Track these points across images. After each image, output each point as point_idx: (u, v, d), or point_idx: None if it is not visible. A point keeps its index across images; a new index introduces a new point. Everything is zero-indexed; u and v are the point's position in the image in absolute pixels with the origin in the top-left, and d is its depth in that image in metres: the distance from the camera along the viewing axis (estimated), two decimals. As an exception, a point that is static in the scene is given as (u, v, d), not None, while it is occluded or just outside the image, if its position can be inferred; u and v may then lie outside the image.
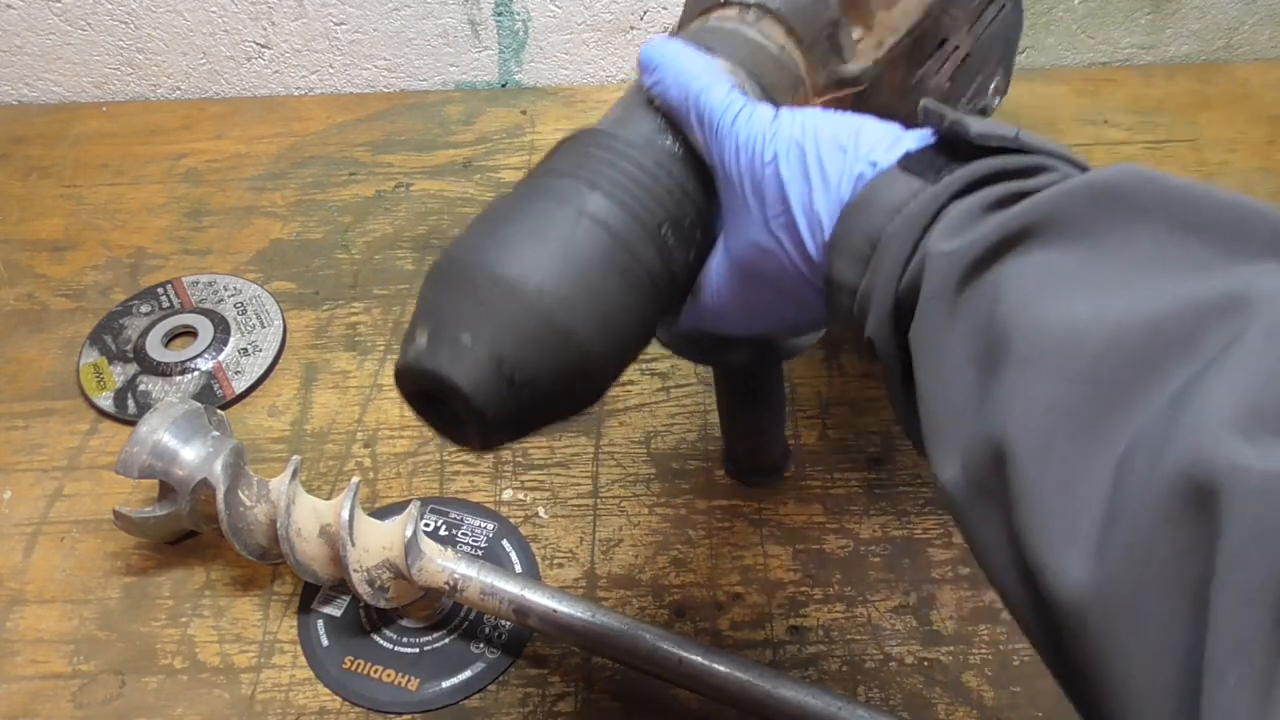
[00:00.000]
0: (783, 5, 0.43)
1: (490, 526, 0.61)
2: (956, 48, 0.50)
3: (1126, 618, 0.23)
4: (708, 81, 0.38)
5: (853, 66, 0.44)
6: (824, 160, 0.34)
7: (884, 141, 0.34)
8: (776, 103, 0.41)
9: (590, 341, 0.36)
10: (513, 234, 0.37)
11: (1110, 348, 0.25)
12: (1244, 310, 0.23)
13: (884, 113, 0.39)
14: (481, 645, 0.56)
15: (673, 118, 0.40)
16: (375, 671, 0.55)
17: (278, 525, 0.53)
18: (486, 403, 0.35)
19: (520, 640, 0.56)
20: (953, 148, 0.33)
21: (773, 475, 0.62)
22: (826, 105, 0.45)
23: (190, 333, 0.71)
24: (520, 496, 0.63)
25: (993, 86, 0.58)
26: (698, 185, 0.40)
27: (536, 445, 0.65)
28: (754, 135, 0.36)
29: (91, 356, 0.70)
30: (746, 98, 0.38)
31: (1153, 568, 0.23)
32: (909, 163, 0.33)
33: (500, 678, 0.55)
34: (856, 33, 0.44)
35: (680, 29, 0.46)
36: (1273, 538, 0.20)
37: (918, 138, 0.34)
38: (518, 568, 0.59)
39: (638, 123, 0.40)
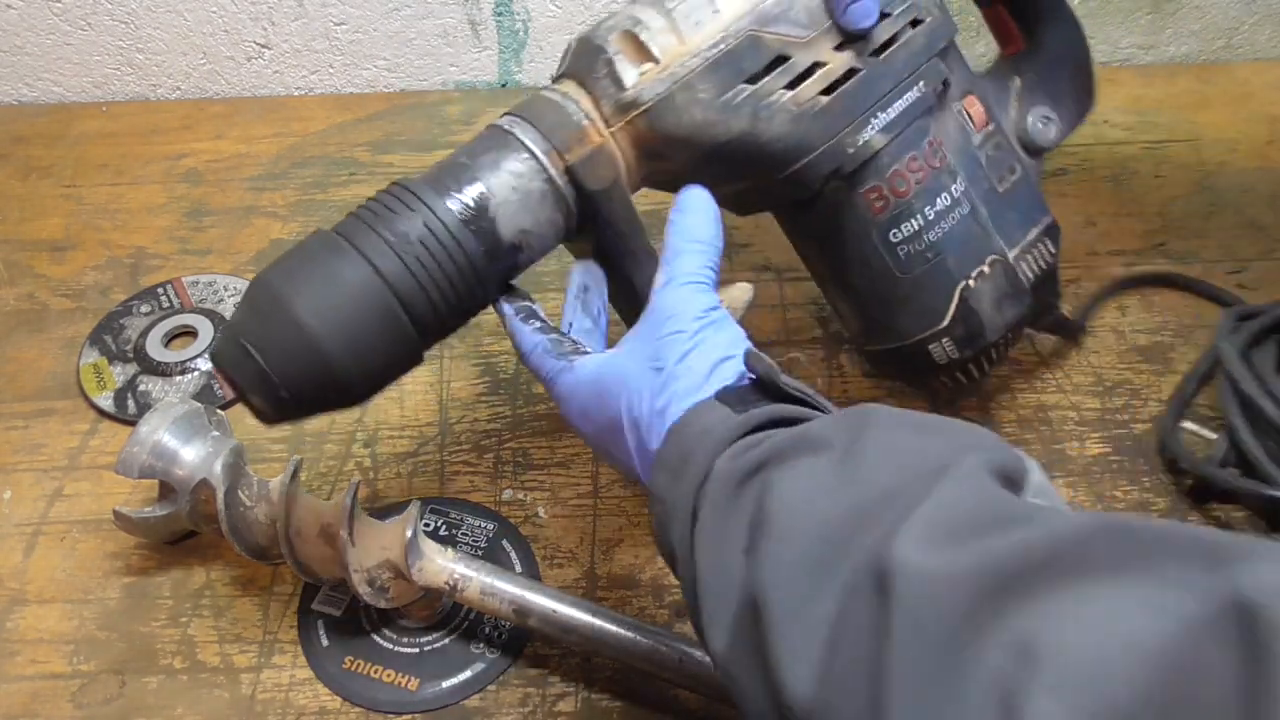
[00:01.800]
0: (570, 63, 0.51)
1: (490, 526, 0.61)
2: (817, 64, 0.51)
3: (838, 701, 0.29)
4: (528, 347, 0.48)
5: (630, 92, 0.49)
6: (645, 403, 0.41)
7: (703, 371, 0.40)
8: (566, 144, 0.48)
9: (352, 377, 0.46)
10: (312, 276, 0.45)
11: (845, 511, 0.32)
12: (945, 474, 0.31)
13: (697, 132, 0.49)
14: (481, 645, 0.56)
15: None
16: (375, 671, 0.55)
17: (278, 525, 0.53)
18: (262, 404, 0.46)
19: (520, 640, 0.56)
20: (765, 387, 0.40)
21: None
22: (625, 130, 0.50)
23: (190, 333, 0.71)
24: (520, 496, 0.63)
25: (1030, 116, 0.57)
26: (489, 266, 0.48)
27: (536, 445, 0.65)
28: (575, 394, 0.44)
29: (91, 356, 0.70)
30: (557, 355, 0.46)
31: (848, 647, 0.29)
32: (724, 395, 0.39)
33: (500, 678, 0.55)
34: (644, 67, 0.49)
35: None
36: (932, 609, 0.27)
37: (737, 373, 0.40)
38: (518, 568, 0.59)
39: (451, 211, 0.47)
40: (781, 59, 0.51)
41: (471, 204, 0.48)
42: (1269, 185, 0.81)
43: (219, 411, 0.60)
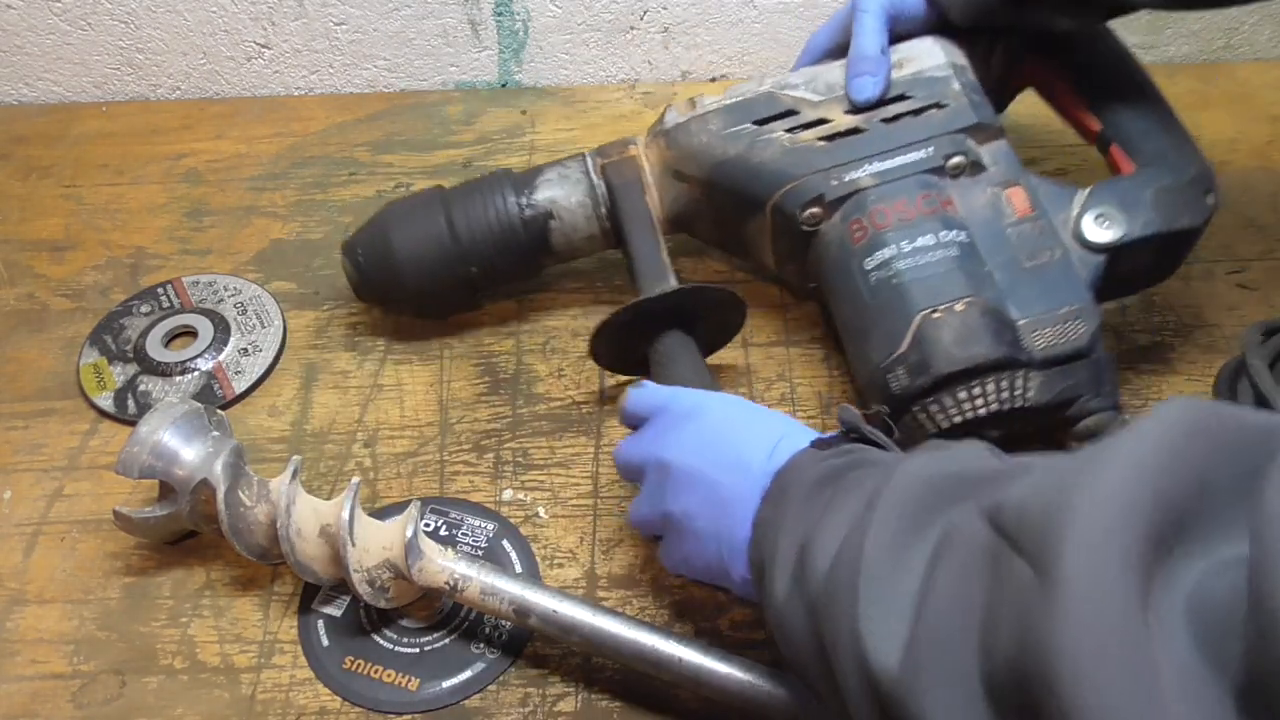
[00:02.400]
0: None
1: (490, 526, 0.61)
2: (823, 120, 0.63)
3: (837, 572, 0.38)
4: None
5: (663, 125, 0.66)
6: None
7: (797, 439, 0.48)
8: (609, 154, 0.68)
9: (407, 274, 0.67)
10: (409, 211, 0.68)
11: (926, 488, 0.39)
12: (949, 448, 0.42)
13: (700, 152, 0.64)
14: (481, 645, 0.56)
15: None
16: (375, 671, 0.55)
17: (278, 525, 0.53)
18: (351, 276, 0.69)
19: (520, 640, 0.56)
20: (850, 435, 0.48)
21: None
22: (653, 148, 0.67)
23: (190, 333, 0.71)
24: (520, 496, 0.63)
25: (1087, 216, 0.60)
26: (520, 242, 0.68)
27: (536, 445, 0.65)
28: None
29: (91, 356, 0.70)
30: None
31: (849, 537, 0.39)
32: (819, 443, 0.47)
33: (500, 678, 0.55)
34: (682, 108, 0.66)
35: None
36: (909, 492, 0.38)
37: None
38: (518, 568, 0.59)
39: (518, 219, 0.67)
40: (791, 112, 0.63)
41: (528, 182, 0.67)
42: (1269, 185, 0.81)
43: (219, 411, 0.60)
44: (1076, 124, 0.67)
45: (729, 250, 0.72)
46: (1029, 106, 0.72)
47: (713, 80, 0.94)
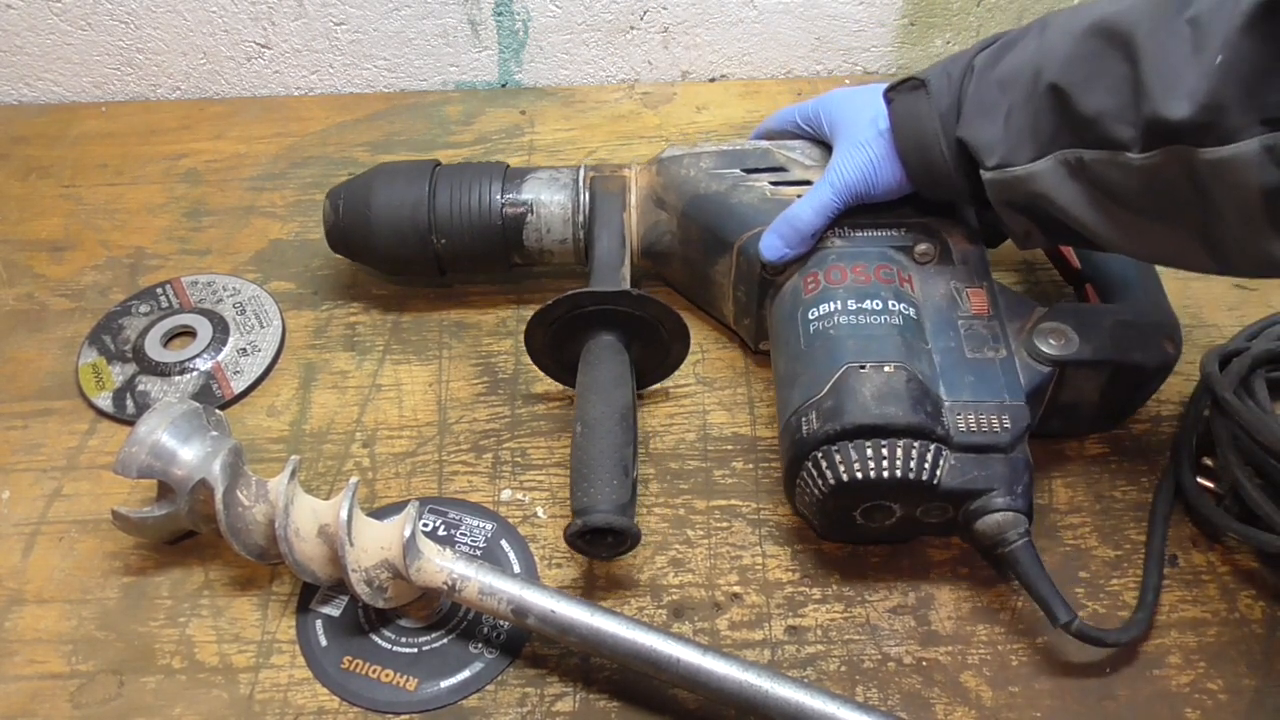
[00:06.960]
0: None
1: (489, 526, 0.61)
2: (807, 182, 0.65)
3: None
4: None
5: (655, 156, 0.70)
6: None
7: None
8: (602, 171, 0.70)
9: (377, 231, 0.69)
10: (397, 174, 0.70)
11: None
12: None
13: (684, 183, 0.67)
14: (480, 645, 0.56)
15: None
16: (374, 671, 0.55)
17: (276, 525, 0.53)
18: (327, 221, 0.71)
19: (518, 640, 0.56)
20: None
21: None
22: (644, 173, 0.70)
23: (189, 333, 0.71)
24: (519, 496, 0.63)
25: (1039, 331, 0.60)
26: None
27: (535, 445, 0.65)
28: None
29: (90, 356, 0.70)
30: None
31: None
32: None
33: (498, 678, 0.55)
34: (684, 147, 0.70)
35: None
36: None
37: None
38: (516, 568, 0.59)
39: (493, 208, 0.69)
40: (781, 169, 0.67)
41: (518, 176, 0.70)
42: (1269, 185, 0.81)
43: (217, 411, 0.60)
44: (1059, 260, 0.69)
45: (693, 298, 0.72)
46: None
47: (712, 80, 0.94)
